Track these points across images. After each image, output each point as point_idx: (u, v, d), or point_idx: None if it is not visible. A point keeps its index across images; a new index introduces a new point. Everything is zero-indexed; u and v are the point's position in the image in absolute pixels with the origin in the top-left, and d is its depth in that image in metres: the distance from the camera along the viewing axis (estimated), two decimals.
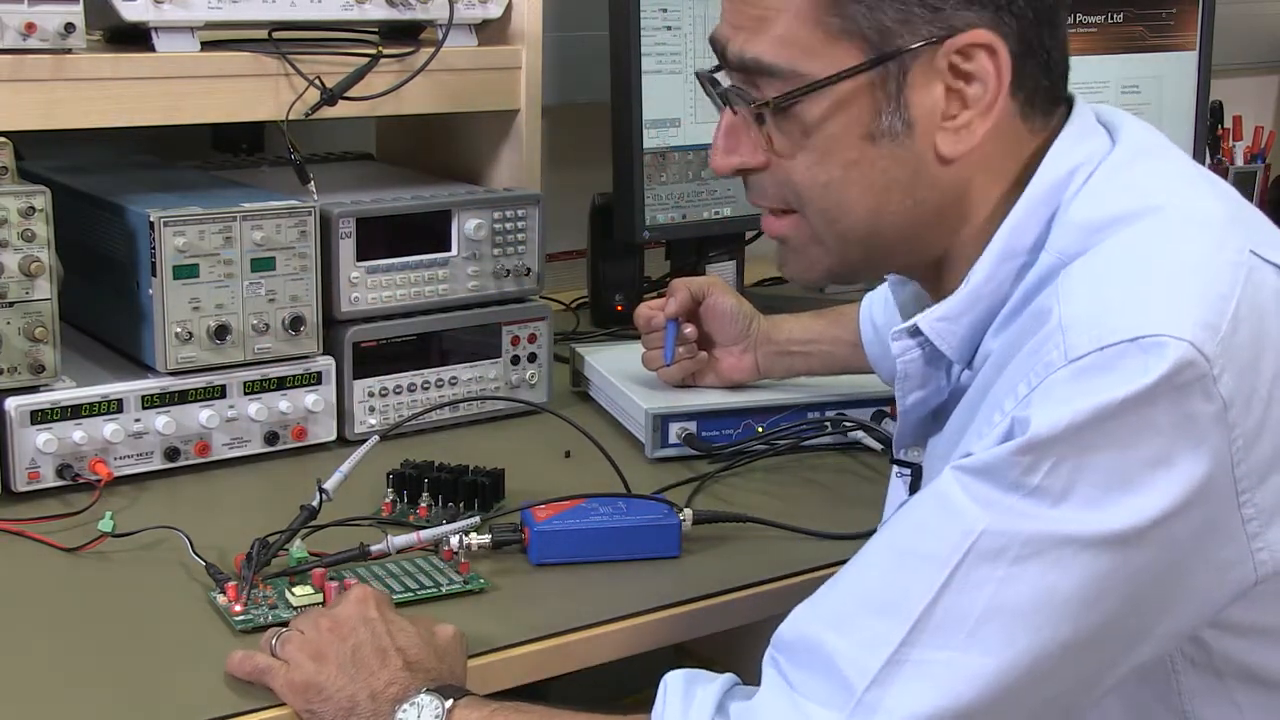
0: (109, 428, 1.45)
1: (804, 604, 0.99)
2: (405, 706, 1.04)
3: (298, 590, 1.22)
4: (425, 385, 1.65)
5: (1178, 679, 0.98)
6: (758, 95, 1.01)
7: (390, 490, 1.42)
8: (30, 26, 1.39)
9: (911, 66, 0.98)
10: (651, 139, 1.97)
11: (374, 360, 1.61)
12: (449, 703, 1.04)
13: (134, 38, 1.52)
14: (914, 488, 1.16)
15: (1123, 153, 1.02)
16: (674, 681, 1.01)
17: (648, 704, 1.03)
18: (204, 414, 1.50)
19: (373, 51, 1.61)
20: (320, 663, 1.07)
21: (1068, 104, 1.06)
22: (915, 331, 1.06)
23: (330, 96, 1.58)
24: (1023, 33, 0.98)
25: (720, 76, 1.08)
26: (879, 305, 1.58)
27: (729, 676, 1.02)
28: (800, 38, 0.98)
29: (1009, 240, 1.01)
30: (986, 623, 0.90)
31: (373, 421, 1.61)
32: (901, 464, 1.17)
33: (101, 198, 1.55)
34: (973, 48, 0.97)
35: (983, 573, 0.89)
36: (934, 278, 1.08)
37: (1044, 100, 1.02)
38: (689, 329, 1.65)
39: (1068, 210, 0.99)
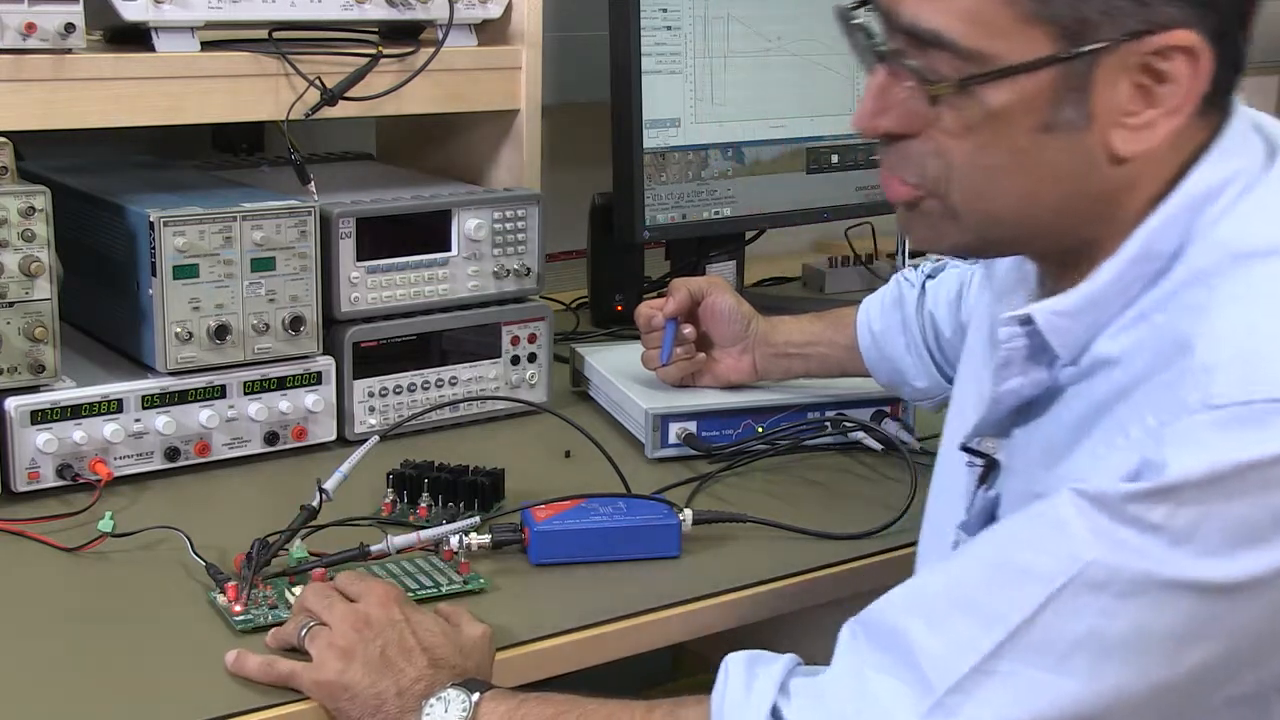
0: (109, 428, 1.45)
1: (897, 589, 0.97)
2: (432, 701, 1.05)
3: (298, 590, 1.22)
4: (425, 385, 1.65)
5: (1268, 705, 0.95)
6: (930, 68, 0.93)
7: (390, 490, 1.42)
8: (30, 26, 1.39)
9: (1103, 60, 0.91)
10: (651, 139, 1.97)
11: (374, 360, 1.61)
12: (476, 695, 1.04)
13: (134, 38, 1.52)
14: (983, 479, 1.11)
15: None
16: (735, 662, 1.00)
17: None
18: (204, 414, 1.50)
19: (373, 51, 1.61)
20: (347, 662, 1.08)
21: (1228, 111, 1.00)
22: (1027, 320, 1.00)
23: (330, 96, 1.58)
24: (1221, 31, 0.92)
25: (874, 29, 0.99)
26: (875, 311, 1.58)
27: (791, 657, 1.00)
28: (989, 15, 0.91)
29: (1146, 244, 0.96)
30: (1079, 650, 0.88)
31: (373, 421, 1.61)
32: (974, 453, 1.11)
33: (101, 198, 1.55)
34: (1172, 50, 0.91)
35: (1085, 600, 0.88)
36: (1061, 264, 1.03)
37: (1220, 99, 0.97)
38: (688, 329, 1.65)
39: (1215, 227, 0.94)
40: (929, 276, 1.55)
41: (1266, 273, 0.91)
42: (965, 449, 1.11)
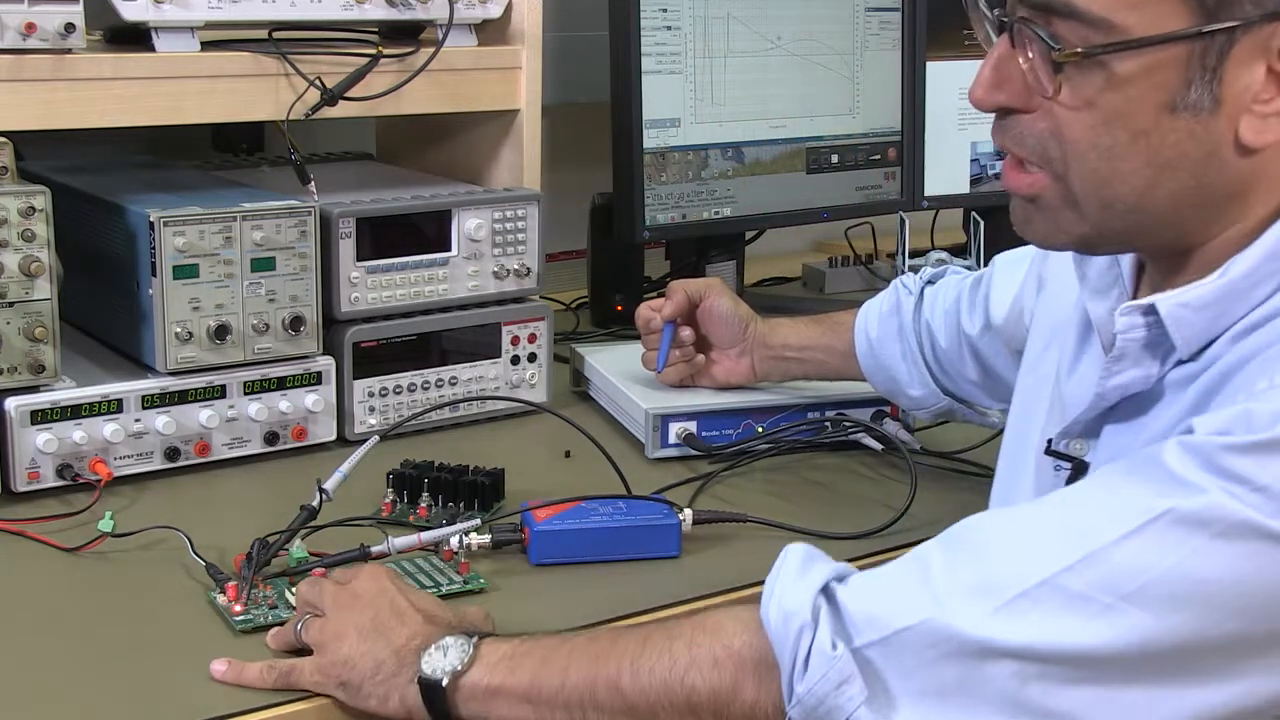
0: (109, 428, 1.45)
1: (988, 511, 0.96)
2: (430, 650, 1.05)
3: (298, 590, 1.22)
4: (425, 385, 1.65)
5: None
6: (1056, 35, 0.91)
7: (390, 490, 1.42)
8: (30, 26, 1.39)
9: (1240, 40, 0.88)
10: (651, 139, 1.97)
11: (374, 360, 1.61)
12: (475, 638, 1.05)
13: (134, 38, 1.52)
14: (1070, 483, 1.07)
15: None
16: (795, 549, 1.00)
17: None
18: (204, 414, 1.50)
19: (373, 51, 1.61)
20: (341, 639, 1.08)
21: None
22: (1150, 311, 0.97)
23: (330, 96, 1.58)
24: None
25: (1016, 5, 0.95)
26: (873, 318, 1.57)
27: (843, 565, 0.99)
28: None
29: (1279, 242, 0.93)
30: (1160, 583, 0.86)
31: (373, 421, 1.61)
32: (1061, 457, 1.08)
33: (101, 198, 1.55)
34: None
35: (1176, 535, 0.85)
36: (1174, 260, 1.00)
37: None
38: (686, 332, 1.65)
39: None
40: (928, 283, 1.55)
41: None
42: (1052, 453, 1.09)
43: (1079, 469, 1.07)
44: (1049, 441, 1.09)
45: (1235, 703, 0.89)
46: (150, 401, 1.47)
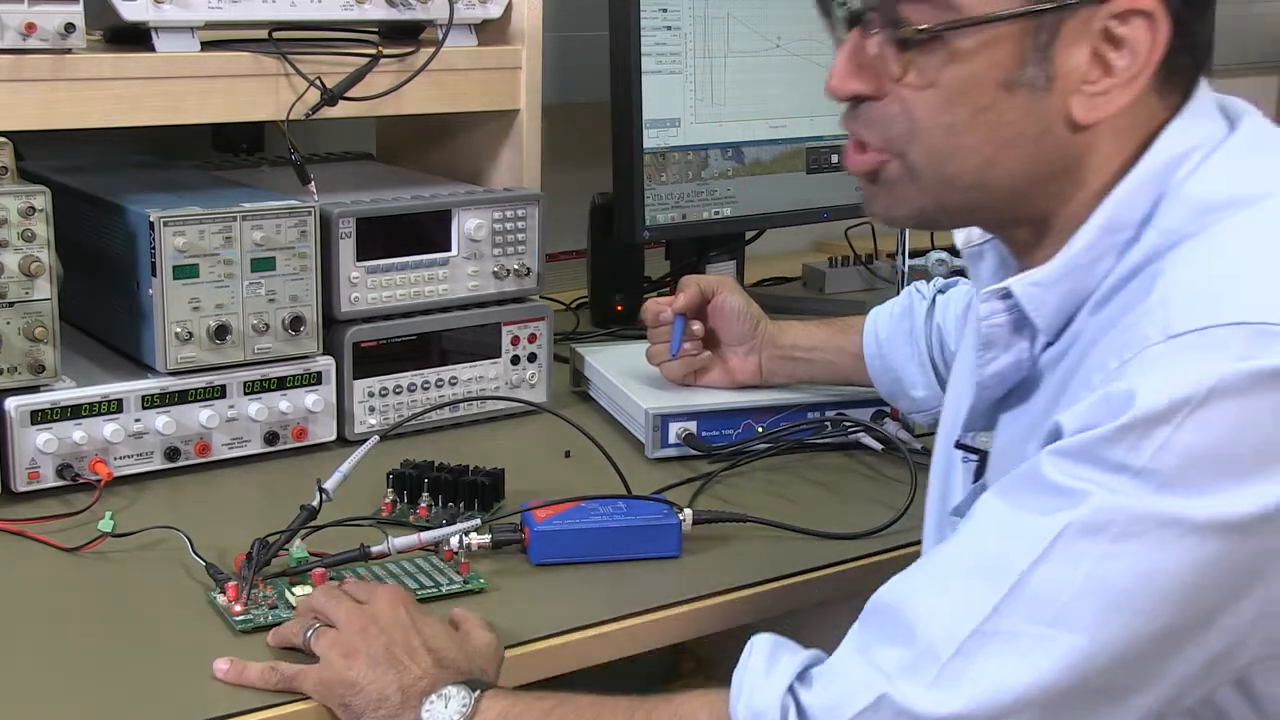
0: (109, 428, 1.45)
1: (898, 575, 0.97)
2: (433, 697, 1.05)
3: (298, 590, 1.22)
4: (425, 385, 1.65)
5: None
6: (903, 16, 0.96)
7: (390, 490, 1.42)
8: (30, 26, 1.39)
9: (1067, 21, 0.94)
10: (651, 139, 1.97)
11: (374, 360, 1.61)
12: (477, 692, 1.05)
13: (134, 38, 1.52)
14: (978, 475, 1.12)
15: (1241, 139, 0.99)
16: (761, 642, 1.00)
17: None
18: (204, 414, 1.50)
19: (373, 51, 1.61)
20: (352, 659, 1.09)
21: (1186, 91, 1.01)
22: (1006, 294, 1.02)
23: (330, 96, 1.58)
24: (1180, 8, 0.95)
25: None
26: (884, 320, 1.59)
27: (816, 651, 1.00)
28: None
29: (1115, 213, 0.97)
30: (1082, 599, 0.87)
31: (373, 421, 1.61)
32: (967, 449, 1.12)
33: (101, 198, 1.55)
34: (1133, 14, 0.93)
35: (1081, 547, 0.87)
36: (1031, 243, 1.04)
37: (1183, 80, 0.98)
38: (695, 326, 1.65)
39: (1181, 189, 0.96)
40: (940, 291, 1.56)
41: (1229, 222, 0.93)
42: (959, 445, 1.13)
43: (983, 460, 1.10)
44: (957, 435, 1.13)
45: (1173, 694, 0.91)
46: (150, 401, 1.47)
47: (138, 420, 1.47)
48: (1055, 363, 1.01)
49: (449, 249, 1.65)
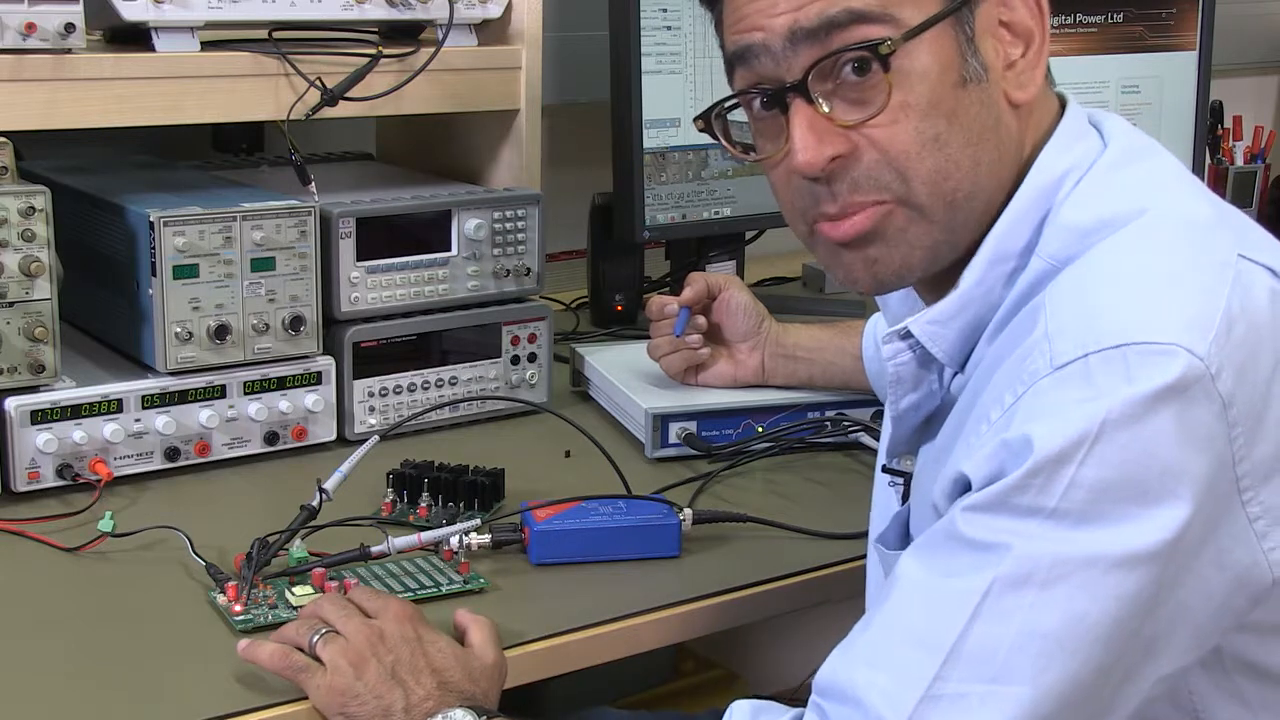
0: (109, 428, 1.45)
1: (838, 648, 0.98)
2: (437, 718, 1.05)
3: (298, 590, 1.22)
4: (425, 385, 1.65)
5: (1188, 679, 0.96)
6: (878, 38, 0.97)
7: (390, 490, 1.42)
8: (30, 26, 1.39)
9: (976, 12, 0.99)
10: (651, 139, 1.97)
11: (374, 360, 1.61)
12: (483, 719, 1.05)
13: (134, 38, 1.52)
14: (905, 498, 1.15)
15: (1112, 155, 1.01)
16: (741, 710, 1.01)
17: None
18: (204, 414, 1.50)
19: (373, 51, 1.61)
20: (360, 670, 1.08)
21: (1061, 103, 1.06)
22: (906, 334, 1.04)
23: (330, 96, 1.58)
24: None
25: (792, 65, 0.99)
26: (884, 324, 1.58)
27: (798, 711, 1.00)
28: None
29: (999, 244, 1.00)
30: (1019, 651, 0.88)
31: (373, 421, 1.61)
32: (894, 473, 1.16)
33: (101, 198, 1.55)
34: None
35: (1010, 601, 0.88)
36: (937, 280, 1.06)
37: (1048, 82, 1.04)
38: (700, 320, 1.66)
39: (1059, 214, 0.98)
40: None
41: (1105, 244, 0.95)
42: (885, 470, 1.16)
43: (908, 483, 1.14)
44: (884, 458, 1.16)
45: (1139, 706, 0.92)
46: (150, 401, 1.47)
47: (138, 420, 1.47)
48: (960, 390, 1.04)
49: (449, 249, 1.65)
